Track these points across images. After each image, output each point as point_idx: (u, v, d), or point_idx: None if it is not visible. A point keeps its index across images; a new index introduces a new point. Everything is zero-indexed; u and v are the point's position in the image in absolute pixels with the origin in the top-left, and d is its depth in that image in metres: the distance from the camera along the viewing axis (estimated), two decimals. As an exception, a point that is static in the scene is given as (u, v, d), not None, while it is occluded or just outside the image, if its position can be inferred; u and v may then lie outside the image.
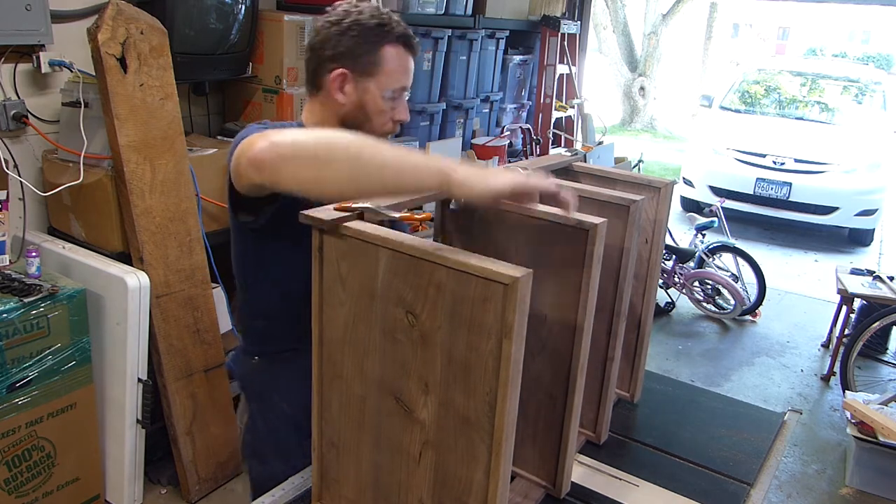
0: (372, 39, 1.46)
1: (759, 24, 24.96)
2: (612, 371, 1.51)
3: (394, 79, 1.50)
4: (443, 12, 3.69)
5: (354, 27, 1.46)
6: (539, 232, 1.26)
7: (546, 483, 1.41)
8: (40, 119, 2.52)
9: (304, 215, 1.13)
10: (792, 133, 7.00)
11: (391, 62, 1.48)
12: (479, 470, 1.04)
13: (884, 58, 18.02)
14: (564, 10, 4.95)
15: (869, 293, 3.81)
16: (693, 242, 4.98)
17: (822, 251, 6.57)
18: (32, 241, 2.51)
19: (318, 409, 1.24)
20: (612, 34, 12.69)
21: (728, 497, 1.45)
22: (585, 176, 1.66)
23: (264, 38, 3.02)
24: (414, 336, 1.06)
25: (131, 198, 2.37)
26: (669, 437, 1.65)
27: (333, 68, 1.47)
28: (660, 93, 13.40)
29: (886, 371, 4.18)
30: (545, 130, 4.81)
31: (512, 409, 0.99)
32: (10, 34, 2.30)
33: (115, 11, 2.27)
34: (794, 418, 1.79)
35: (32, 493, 2.29)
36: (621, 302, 1.46)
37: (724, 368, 4.16)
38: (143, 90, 2.37)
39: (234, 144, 1.35)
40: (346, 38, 1.46)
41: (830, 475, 3.17)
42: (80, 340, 2.31)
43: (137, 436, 2.49)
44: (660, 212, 1.61)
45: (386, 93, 1.50)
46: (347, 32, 1.46)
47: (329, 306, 1.17)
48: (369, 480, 1.21)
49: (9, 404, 2.16)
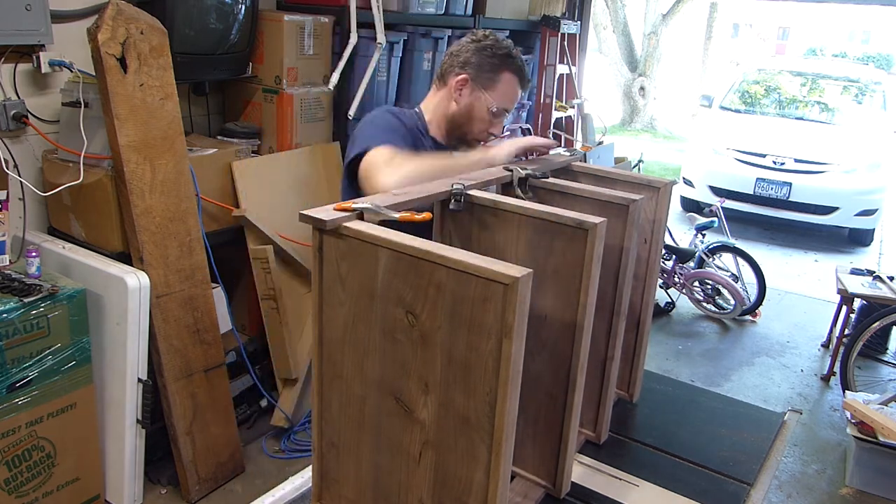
0: (497, 62, 1.80)
1: (759, 24, 24.96)
2: (611, 371, 1.51)
3: (502, 99, 1.83)
4: (443, 12, 3.69)
5: (489, 48, 1.80)
6: (538, 232, 1.26)
7: (546, 483, 1.41)
8: (40, 119, 2.52)
9: (303, 215, 1.13)
10: (792, 133, 6.99)
11: (505, 85, 1.82)
12: (479, 470, 1.04)
13: (884, 58, 18.02)
14: (564, 10, 4.95)
15: (869, 293, 3.81)
16: (693, 242, 4.98)
17: (822, 251, 6.57)
18: (32, 241, 2.51)
19: (318, 409, 1.24)
20: (612, 34, 12.68)
21: (728, 497, 1.45)
22: (585, 176, 1.66)
23: (264, 38, 3.02)
24: (414, 336, 1.06)
25: (131, 198, 2.37)
26: (669, 437, 1.65)
27: (460, 72, 1.81)
28: (660, 93, 13.39)
29: (886, 371, 4.18)
30: (545, 130, 4.81)
31: (512, 409, 0.99)
32: (10, 34, 2.30)
33: (115, 11, 2.27)
34: (794, 418, 1.79)
35: (32, 493, 2.29)
36: (621, 301, 1.46)
37: (724, 368, 4.16)
38: (143, 90, 2.37)
39: (360, 142, 1.68)
40: (479, 54, 1.80)
41: (830, 475, 3.17)
42: (80, 340, 2.31)
43: (137, 436, 2.49)
44: (659, 211, 1.61)
45: (492, 107, 1.82)
46: (483, 50, 1.80)
47: (329, 306, 1.17)
48: (369, 480, 1.21)
49: (9, 404, 2.16)
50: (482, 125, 1.85)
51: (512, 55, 1.82)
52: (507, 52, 1.81)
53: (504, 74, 1.81)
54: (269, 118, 3.09)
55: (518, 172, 1.47)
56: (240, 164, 2.88)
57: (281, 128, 3.07)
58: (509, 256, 1.30)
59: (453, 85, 1.82)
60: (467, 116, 1.84)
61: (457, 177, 1.41)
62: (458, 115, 1.84)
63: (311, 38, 3.07)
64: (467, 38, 1.84)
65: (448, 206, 1.34)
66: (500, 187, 1.48)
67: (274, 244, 2.92)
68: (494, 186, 1.46)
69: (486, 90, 1.81)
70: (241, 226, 2.89)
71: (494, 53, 1.80)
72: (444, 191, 1.31)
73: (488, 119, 1.84)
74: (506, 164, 1.53)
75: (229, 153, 2.87)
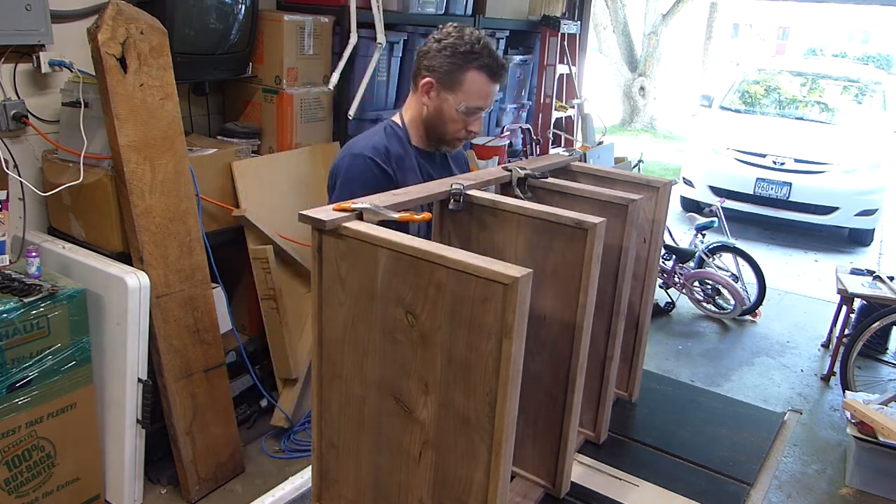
0: (459, 62, 1.73)
1: (759, 24, 24.95)
2: (611, 370, 1.51)
3: (470, 98, 1.76)
4: (443, 12, 3.69)
5: (449, 48, 1.73)
6: (538, 232, 1.26)
7: (546, 483, 1.41)
8: (40, 119, 2.52)
9: (302, 216, 1.13)
10: (792, 133, 6.99)
11: (471, 84, 1.74)
12: (479, 470, 1.04)
13: (884, 58, 18.01)
14: (564, 10, 4.95)
15: (869, 293, 3.81)
16: (693, 242, 4.98)
17: (822, 251, 6.56)
18: (32, 241, 2.51)
19: (318, 409, 1.24)
20: (612, 34, 12.68)
21: (728, 497, 1.45)
22: (584, 176, 1.66)
23: (264, 38, 3.02)
24: (414, 336, 1.06)
25: (131, 198, 2.38)
26: (669, 437, 1.65)
27: (426, 75, 1.77)
28: (660, 93, 13.39)
29: (886, 371, 4.18)
30: (545, 130, 4.81)
31: (512, 409, 0.99)
32: (10, 34, 2.30)
33: (115, 11, 2.27)
34: (794, 418, 1.79)
35: (32, 493, 2.29)
36: (620, 301, 1.46)
37: (724, 368, 4.16)
38: (143, 90, 2.37)
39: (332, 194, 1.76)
40: (440, 55, 1.74)
41: (830, 475, 3.17)
42: (80, 340, 2.31)
43: (137, 436, 2.49)
44: (658, 211, 1.61)
45: (460, 107, 1.76)
46: (443, 51, 1.74)
47: (329, 306, 1.17)
48: (369, 481, 1.21)
49: (9, 404, 2.16)
50: (456, 125, 1.80)
51: (475, 51, 1.72)
52: (469, 49, 1.72)
53: (468, 74, 1.73)
54: (269, 118, 3.09)
55: (517, 172, 1.47)
56: (240, 164, 2.88)
57: (281, 128, 3.07)
58: (508, 256, 1.30)
59: (421, 89, 1.79)
60: (439, 119, 1.79)
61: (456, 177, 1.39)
62: (429, 118, 1.81)
63: (311, 38, 3.07)
64: (432, 37, 1.78)
65: (447, 206, 1.34)
66: (499, 187, 1.49)
67: (274, 244, 2.92)
68: (493, 186, 1.46)
69: (451, 92, 1.75)
70: (241, 226, 2.89)
71: (455, 52, 1.72)
72: (444, 191, 1.31)
73: (461, 119, 1.78)
74: (505, 164, 1.53)
75: (229, 153, 2.87)
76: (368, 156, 1.76)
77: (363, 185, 1.70)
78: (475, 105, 1.77)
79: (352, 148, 1.81)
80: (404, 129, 1.86)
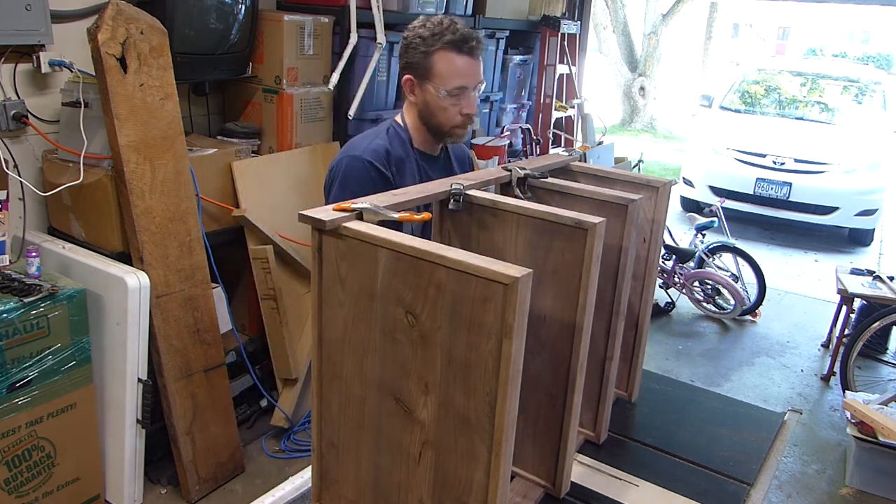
0: (422, 49, 1.73)
1: (759, 24, 24.95)
2: (611, 370, 1.51)
3: (446, 80, 1.74)
4: (443, 12, 3.69)
5: (414, 39, 1.75)
6: (538, 232, 1.26)
7: (546, 483, 1.41)
8: (40, 119, 2.52)
9: (302, 216, 1.13)
10: (792, 133, 6.99)
11: (442, 65, 1.73)
12: (479, 470, 1.04)
13: (884, 58, 18.01)
14: (564, 10, 4.95)
15: (869, 293, 3.81)
16: (693, 242, 4.98)
17: (822, 251, 6.56)
18: (32, 241, 2.51)
19: (318, 409, 1.24)
20: (612, 34, 12.68)
21: (728, 497, 1.45)
22: (584, 175, 1.66)
23: (264, 38, 3.02)
24: (414, 336, 1.06)
25: (131, 198, 2.38)
26: (669, 437, 1.65)
27: (404, 75, 1.80)
28: (660, 93, 13.38)
29: (886, 371, 4.18)
30: (545, 130, 4.81)
31: (512, 409, 0.99)
32: (10, 34, 2.30)
33: (115, 11, 2.27)
34: (794, 418, 1.79)
35: (32, 493, 2.29)
36: (620, 301, 1.46)
37: (724, 368, 4.16)
38: (143, 90, 2.37)
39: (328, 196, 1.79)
40: (409, 50, 1.76)
41: (830, 475, 3.17)
42: (80, 340, 2.31)
43: (137, 436, 2.49)
44: (658, 211, 1.61)
45: (441, 92, 1.74)
46: (410, 45, 1.76)
47: (329, 306, 1.17)
48: (369, 481, 1.21)
49: (9, 404, 2.16)
50: (447, 113, 1.78)
51: (436, 33, 1.72)
52: (430, 33, 1.73)
53: (435, 56, 1.73)
54: (269, 118, 3.09)
55: (517, 172, 1.47)
56: (240, 164, 2.88)
57: (281, 128, 3.07)
58: (508, 256, 1.30)
59: (406, 89, 1.82)
60: (429, 112, 1.80)
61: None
62: (422, 115, 1.82)
63: (311, 38, 3.07)
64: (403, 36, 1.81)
65: (447, 206, 1.34)
66: (499, 187, 1.48)
67: (274, 244, 2.92)
68: (493, 186, 1.46)
69: (429, 80, 1.75)
70: (241, 226, 2.89)
71: (420, 42, 1.74)
72: (444, 191, 1.31)
73: (449, 103, 1.76)
74: (505, 164, 1.53)
75: (229, 153, 2.87)
76: (367, 159, 1.76)
77: (360, 187, 1.70)
78: (455, 85, 1.75)
79: (351, 149, 1.81)
80: (406, 132, 1.86)
